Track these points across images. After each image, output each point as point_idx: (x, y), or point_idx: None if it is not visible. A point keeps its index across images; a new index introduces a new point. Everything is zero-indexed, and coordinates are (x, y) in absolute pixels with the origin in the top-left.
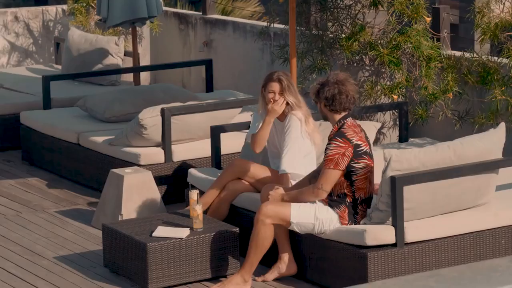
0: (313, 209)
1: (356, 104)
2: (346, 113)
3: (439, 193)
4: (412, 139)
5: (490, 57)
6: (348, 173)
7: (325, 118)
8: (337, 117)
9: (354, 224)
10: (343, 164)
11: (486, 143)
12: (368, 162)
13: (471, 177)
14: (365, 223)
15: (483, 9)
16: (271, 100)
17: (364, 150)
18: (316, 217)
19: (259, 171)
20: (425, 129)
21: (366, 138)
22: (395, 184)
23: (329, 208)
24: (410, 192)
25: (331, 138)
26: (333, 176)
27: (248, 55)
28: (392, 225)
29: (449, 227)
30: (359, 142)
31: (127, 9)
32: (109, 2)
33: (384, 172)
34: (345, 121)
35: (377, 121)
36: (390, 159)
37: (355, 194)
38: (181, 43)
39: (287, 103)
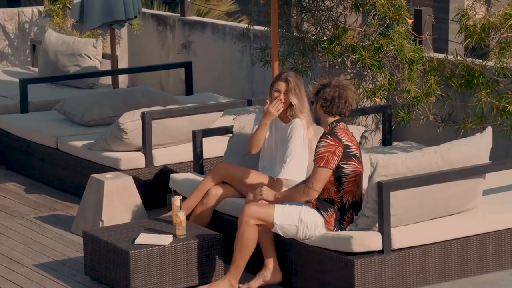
0: (298, 212)
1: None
2: (340, 117)
3: (426, 198)
4: (395, 143)
5: (474, 60)
6: (338, 174)
7: (318, 121)
8: (330, 119)
9: (340, 230)
10: (333, 163)
11: (473, 148)
12: (358, 167)
13: (458, 182)
14: (351, 229)
15: (468, 11)
16: (277, 99)
17: (354, 152)
18: (301, 219)
19: (243, 174)
20: (407, 133)
21: (357, 144)
22: (382, 190)
23: (315, 211)
24: (396, 198)
25: (321, 137)
26: (324, 174)
27: (228, 57)
28: (379, 231)
29: (436, 233)
30: (349, 143)
31: (105, 12)
32: (85, 5)
33: (370, 177)
34: (338, 124)
35: (359, 124)
36: (377, 164)
37: (343, 199)
38: (159, 45)
39: (291, 104)
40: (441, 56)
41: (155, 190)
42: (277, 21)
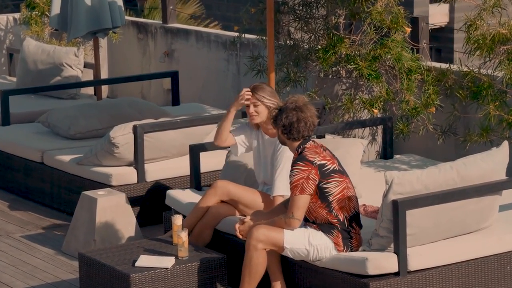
0: (307, 235)
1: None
2: (305, 139)
3: (443, 217)
4: (397, 156)
5: (481, 70)
6: (323, 196)
7: (284, 143)
8: (296, 144)
9: (351, 250)
10: (310, 188)
11: (490, 163)
12: (340, 179)
13: (475, 199)
14: (364, 250)
15: (476, 21)
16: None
17: (331, 168)
18: (310, 243)
19: (244, 193)
20: (404, 144)
21: (333, 155)
22: (398, 209)
23: (322, 234)
24: (412, 217)
25: (292, 165)
26: (302, 202)
27: (213, 65)
28: (394, 252)
29: (453, 253)
30: (323, 162)
31: (91, 20)
32: (69, 13)
33: (385, 195)
34: (305, 146)
35: (355, 136)
36: (392, 181)
37: (339, 217)
38: (140, 53)
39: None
40: (443, 66)
41: (148, 206)
42: (273, 30)
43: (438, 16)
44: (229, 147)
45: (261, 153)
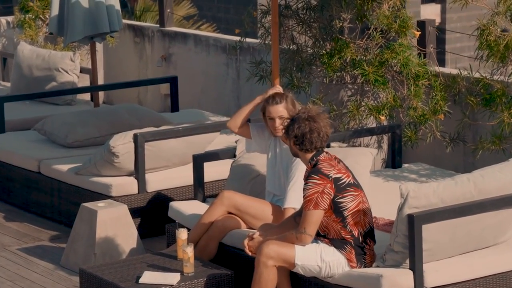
0: (319, 250)
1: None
2: (318, 151)
3: (460, 231)
4: (406, 165)
5: (493, 77)
6: (337, 210)
7: (296, 155)
8: (309, 156)
9: (364, 266)
10: (324, 203)
11: (508, 175)
12: (355, 193)
13: (493, 212)
14: (377, 266)
15: (489, 26)
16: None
17: (347, 181)
18: (322, 259)
19: (252, 204)
20: (411, 152)
21: (347, 168)
22: (414, 223)
23: (334, 249)
24: (428, 231)
25: (306, 177)
26: (315, 217)
27: (212, 70)
28: (410, 269)
29: (471, 269)
30: (338, 175)
31: (88, 24)
32: (65, 17)
33: (400, 209)
34: (318, 158)
35: (360, 144)
36: (407, 195)
37: (353, 233)
38: (136, 57)
39: None
40: (452, 71)
41: (149, 218)
42: (277, 35)
43: (429, 16)
44: (235, 156)
45: (277, 162)
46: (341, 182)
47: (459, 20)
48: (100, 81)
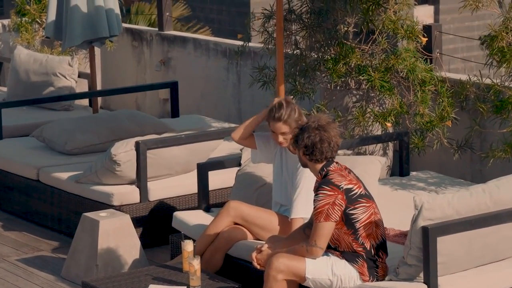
0: (330, 263)
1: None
2: (328, 161)
3: (475, 243)
4: (413, 173)
5: (504, 83)
6: (349, 222)
7: (305, 166)
8: (318, 166)
9: (377, 280)
10: (336, 214)
11: None
12: (367, 205)
13: (509, 224)
14: (390, 279)
15: (501, 32)
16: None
17: (358, 192)
18: (334, 273)
19: (259, 214)
20: (418, 160)
21: (358, 178)
22: (428, 236)
23: (346, 262)
24: (443, 244)
25: (317, 189)
26: (326, 229)
27: (212, 74)
28: (424, 282)
29: (487, 282)
30: (349, 186)
31: (87, 29)
32: (64, 21)
33: (414, 221)
34: (329, 169)
35: (365, 151)
36: (422, 207)
37: (365, 246)
38: (134, 61)
39: None
40: (461, 78)
41: (151, 227)
42: (282, 40)
43: (423, 18)
44: (240, 165)
45: (283, 172)
46: (352, 193)
47: (452, 21)
48: (98, 85)
